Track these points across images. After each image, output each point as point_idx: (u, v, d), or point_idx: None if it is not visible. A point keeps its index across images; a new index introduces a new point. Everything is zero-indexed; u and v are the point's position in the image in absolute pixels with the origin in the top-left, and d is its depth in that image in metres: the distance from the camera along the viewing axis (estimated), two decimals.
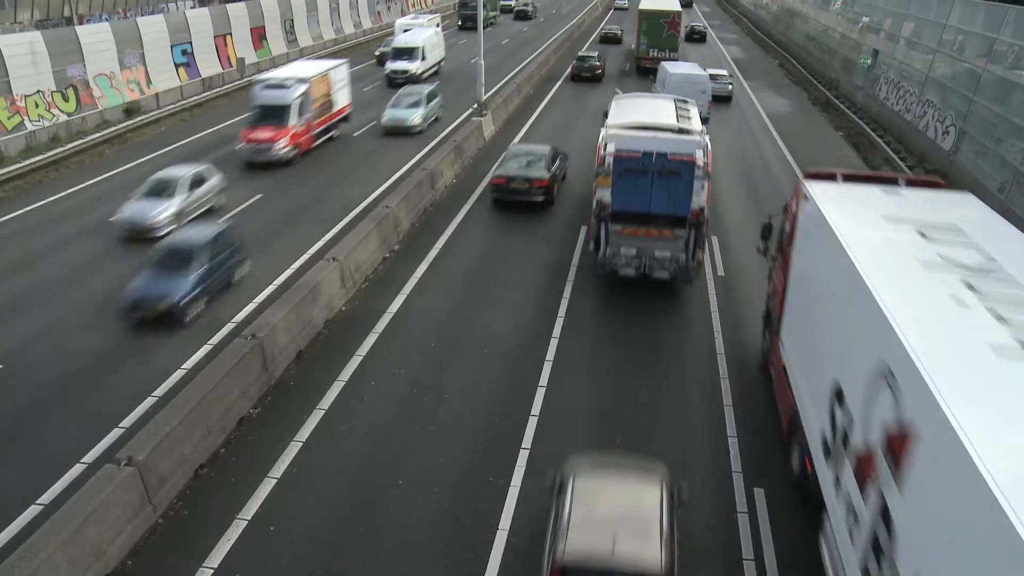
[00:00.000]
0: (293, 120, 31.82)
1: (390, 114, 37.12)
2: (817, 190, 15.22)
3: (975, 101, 32.05)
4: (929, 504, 8.26)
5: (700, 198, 20.03)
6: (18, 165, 30.61)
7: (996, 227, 13.31)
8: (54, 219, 26.47)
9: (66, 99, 36.34)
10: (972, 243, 12.24)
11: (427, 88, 39.03)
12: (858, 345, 11.21)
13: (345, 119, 36.85)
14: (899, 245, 12.30)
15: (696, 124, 22.34)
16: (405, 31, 55.11)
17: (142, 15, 51.79)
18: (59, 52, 36.06)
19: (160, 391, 16.57)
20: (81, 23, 49.33)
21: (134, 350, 18.26)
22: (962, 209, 14.20)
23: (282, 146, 31.53)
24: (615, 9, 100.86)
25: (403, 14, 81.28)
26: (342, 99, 36.27)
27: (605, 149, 20.41)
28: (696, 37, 73.53)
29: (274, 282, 21.64)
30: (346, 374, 17.43)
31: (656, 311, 20.80)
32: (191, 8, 66.97)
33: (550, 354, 18.41)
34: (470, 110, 38.96)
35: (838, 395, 11.80)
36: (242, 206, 27.62)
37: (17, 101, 33.68)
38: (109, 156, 33.80)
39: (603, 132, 22.07)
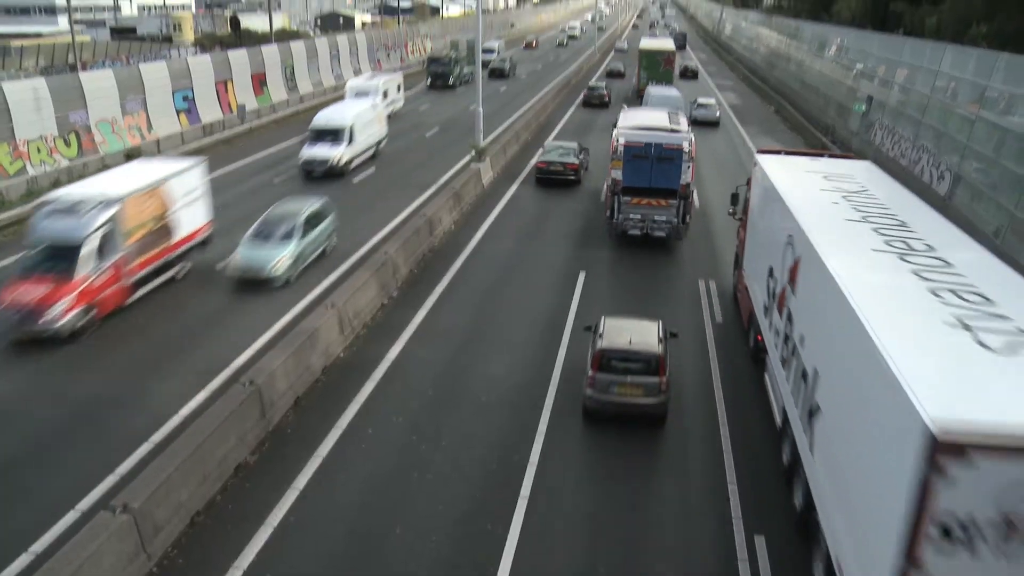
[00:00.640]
0: (86, 268, 20.80)
1: (244, 254, 24.45)
2: (764, 158, 22.59)
3: (969, 146, 32.39)
4: (808, 295, 15.20)
5: (687, 176, 27.85)
6: (19, 209, 30.73)
7: (875, 174, 21.44)
8: None
9: (68, 144, 36.63)
10: (856, 181, 19.74)
11: (309, 207, 26.29)
12: (778, 233, 18.14)
13: (203, 243, 26.08)
14: (809, 181, 19.67)
15: (683, 126, 29.97)
16: (358, 95, 48.91)
17: (145, 62, 52.32)
18: (62, 98, 36.45)
19: (156, 437, 16.48)
20: (85, 69, 49.91)
21: (130, 395, 18.20)
22: (858, 167, 22.07)
23: (60, 311, 20.08)
24: (615, 51, 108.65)
25: (402, 61, 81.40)
26: (193, 218, 25.45)
27: (618, 142, 28.06)
28: (689, 75, 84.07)
29: None
30: (344, 421, 17.38)
31: None
32: (193, 55, 67.88)
33: (548, 401, 18.39)
34: (468, 156, 39.17)
35: (770, 271, 18.71)
36: None
37: (20, 146, 33.95)
38: None
39: (615, 132, 29.12)
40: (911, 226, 15.87)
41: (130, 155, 39.44)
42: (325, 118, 38.88)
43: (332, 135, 37.98)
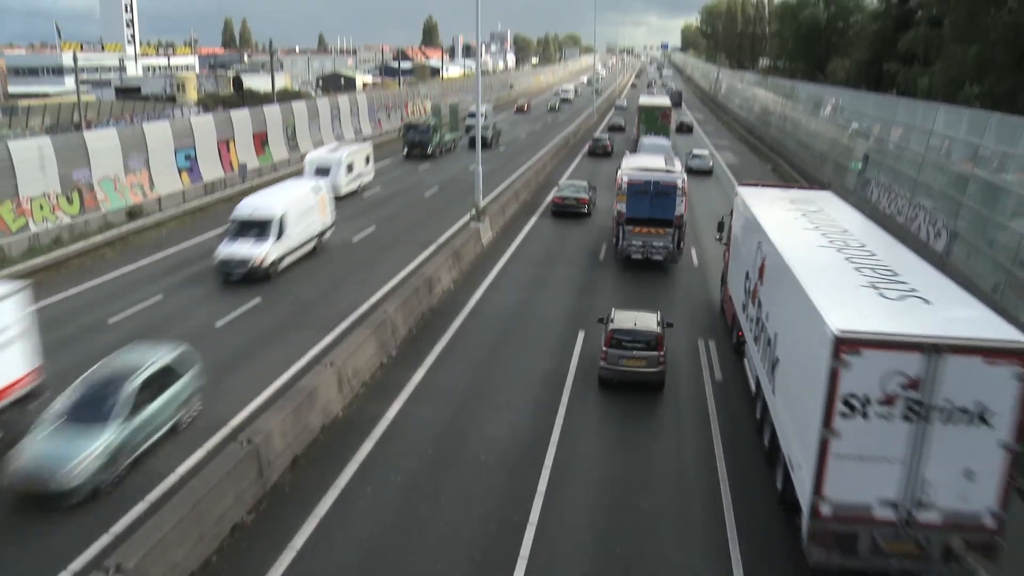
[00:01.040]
0: None
1: (32, 451, 16.24)
2: (743, 189, 27.76)
3: (964, 204, 32.69)
4: (770, 281, 19.46)
5: (680, 208, 32.57)
6: (20, 266, 30.87)
7: (832, 200, 26.14)
8: (54, 319, 26.53)
9: (70, 202, 36.89)
10: (815, 204, 24.57)
11: (152, 363, 18.33)
12: (751, 244, 22.57)
13: (23, 400, 18.73)
14: (778, 204, 24.52)
15: (677, 167, 35.96)
16: (318, 171, 44.66)
17: (148, 121, 52.97)
18: (66, 156, 36.79)
19: (152, 496, 16.33)
20: (89, 128, 50.50)
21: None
22: (820, 195, 27.41)
23: None
24: (615, 108, 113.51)
25: (402, 121, 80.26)
26: (9, 368, 18.24)
27: (622, 180, 33.13)
28: (685, 129, 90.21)
29: None
30: (342, 480, 17.25)
31: (651, 432, 20.77)
32: (196, 114, 68.79)
33: (548, 460, 18.28)
34: (468, 216, 39.33)
35: (746, 275, 22.89)
36: None
37: (23, 203, 34.20)
38: (110, 258, 34.11)
39: (619, 172, 34.73)
40: (851, 231, 20.97)
41: (132, 213, 39.80)
42: (250, 206, 31.77)
43: (258, 228, 30.72)
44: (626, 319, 22.21)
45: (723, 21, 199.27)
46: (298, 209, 32.70)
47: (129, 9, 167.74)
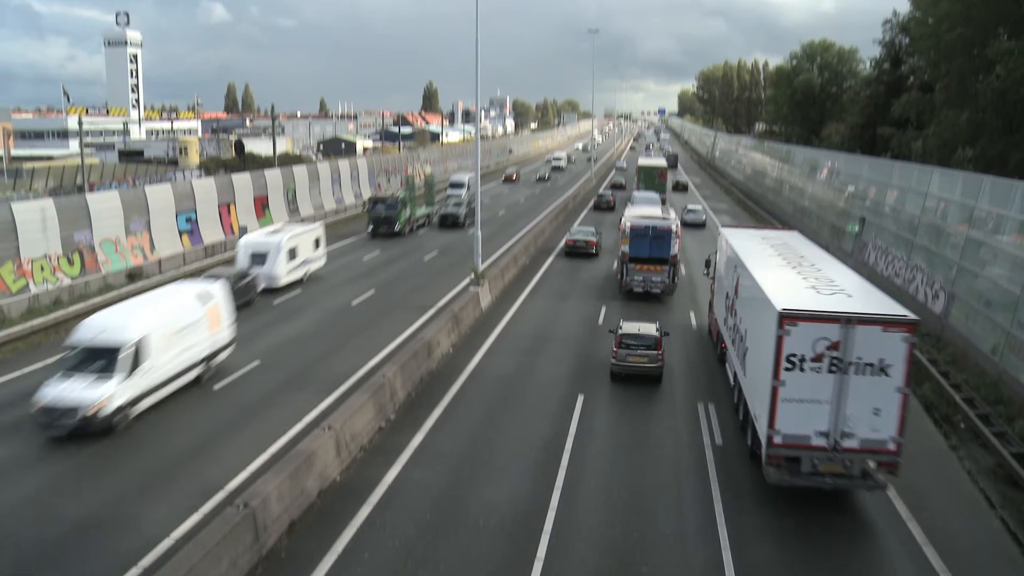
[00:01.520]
0: None
1: None
2: (725, 230, 32.98)
3: (961, 265, 32.86)
4: (746, 298, 24.06)
5: (675, 248, 39.28)
6: (19, 327, 30.88)
7: (797, 237, 31.36)
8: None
9: (71, 263, 37.07)
10: (782, 239, 29.84)
11: None
12: (730, 269, 27.93)
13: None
14: (751, 239, 29.50)
15: (672, 215, 43.20)
16: (253, 256, 38.46)
17: (151, 184, 53.46)
18: (68, 218, 37.12)
19: (146, 562, 16.07)
20: (92, 190, 50.92)
21: (121, 518, 17.86)
22: (787, 234, 33.45)
23: None
24: (615, 169, 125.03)
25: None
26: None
27: (626, 226, 39.92)
28: (680, 188, 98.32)
29: None
30: (340, 545, 17.01)
31: (651, 494, 20.60)
32: (197, 177, 69.42)
33: (547, 525, 18.06)
34: (467, 280, 39.42)
35: (726, 295, 28.35)
36: None
37: (24, 265, 34.36)
38: None
39: (623, 220, 42.09)
40: (806, 257, 26.31)
41: (132, 275, 39.93)
42: (94, 328, 23.29)
43: (104, 359, 22.46)
44: (631, 327, 28.07)
45: (719, 86, 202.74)
46: (170, 328, 24.54)
47: (135, 75, 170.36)
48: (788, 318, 18.48)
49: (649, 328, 28.13)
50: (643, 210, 46.37)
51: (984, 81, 50.59)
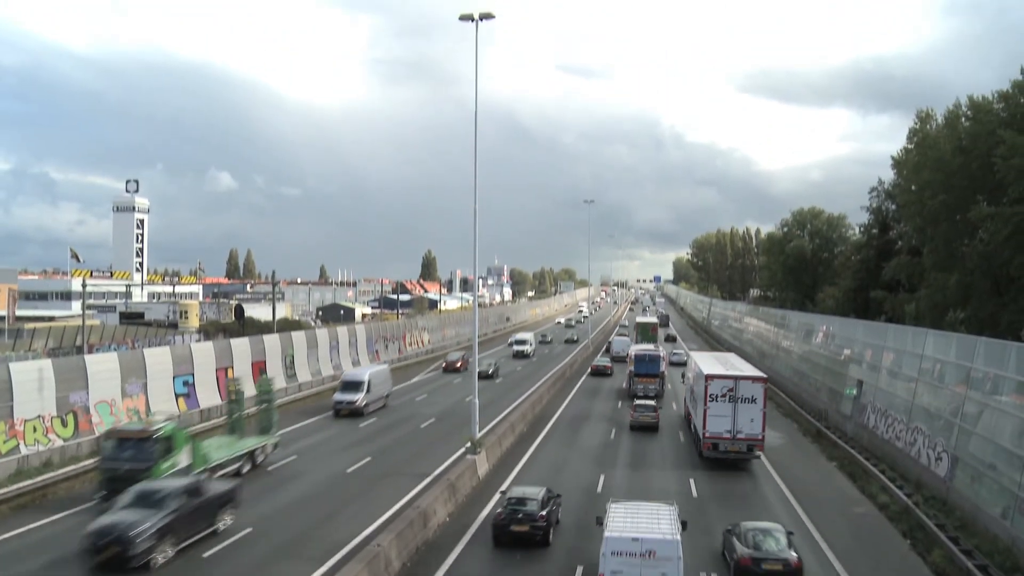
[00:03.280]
0: None
1: None
2: (692, 353, 69.65)
3: (962, 427, 32.47)
4: (691, 378, 50.60)
5: (662, 368, 62.59)
6: (6, 490, 30.14)
7: (731, 355, 59.63)
8: (37, 545, 25.66)
9: (65, 424, 36.64)
10: (725, 358, 53.13)
11: None
12: (691, 375, 51.02)
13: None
14: (705, 357, 54.38)
15: (661, 349, 69.39)
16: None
17: (150, 346, 53.62)
18: (65, 378, 36.95)
19: None
20: (91, 352, 51.01)
21: None
22: (728, 355, 60.98)
23: None
24: (619, 327, 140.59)
25: (400, 352, 79.95)
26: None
27: (632, 354, 66.53)
28: (670, 339, 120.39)
29: None
30: None
31: None
32: (196, 341, 69.73)
33: None
34: (464, 448, 38.66)
35: (691, 390, 49.66)
36: None
37: (16, 426, 33.95)
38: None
39: (629, 351, 74.54)
40: (728, 359, 50.63)
41: None
42: None
43: None
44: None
45: (713, 253, 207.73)
46: None
47: (140, 239, 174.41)
48: (708, 377, 40.54)
49: (650, 409, 50.03)
50: (642, 347, 71.75)
51: (969, 244, 51.78)
